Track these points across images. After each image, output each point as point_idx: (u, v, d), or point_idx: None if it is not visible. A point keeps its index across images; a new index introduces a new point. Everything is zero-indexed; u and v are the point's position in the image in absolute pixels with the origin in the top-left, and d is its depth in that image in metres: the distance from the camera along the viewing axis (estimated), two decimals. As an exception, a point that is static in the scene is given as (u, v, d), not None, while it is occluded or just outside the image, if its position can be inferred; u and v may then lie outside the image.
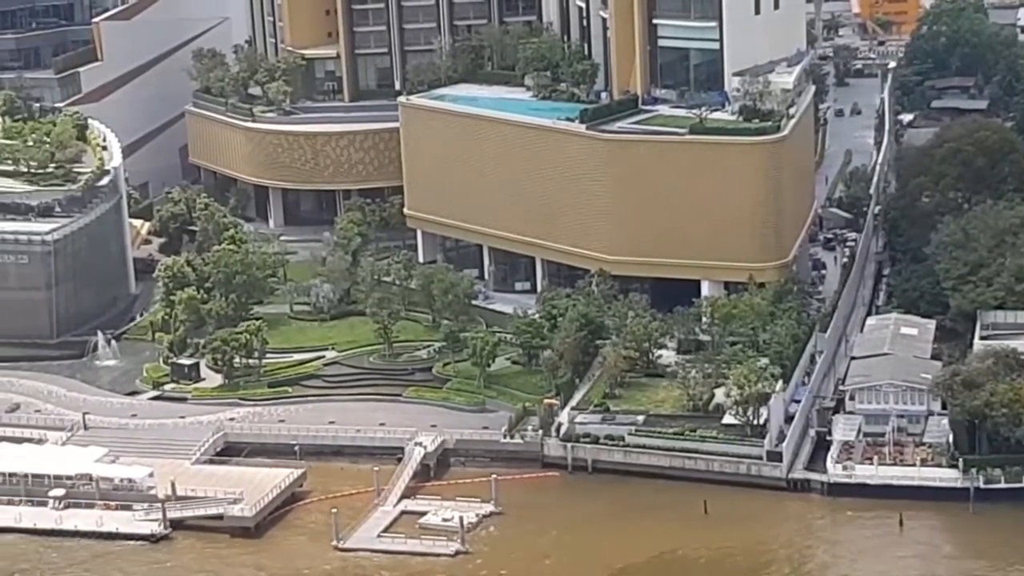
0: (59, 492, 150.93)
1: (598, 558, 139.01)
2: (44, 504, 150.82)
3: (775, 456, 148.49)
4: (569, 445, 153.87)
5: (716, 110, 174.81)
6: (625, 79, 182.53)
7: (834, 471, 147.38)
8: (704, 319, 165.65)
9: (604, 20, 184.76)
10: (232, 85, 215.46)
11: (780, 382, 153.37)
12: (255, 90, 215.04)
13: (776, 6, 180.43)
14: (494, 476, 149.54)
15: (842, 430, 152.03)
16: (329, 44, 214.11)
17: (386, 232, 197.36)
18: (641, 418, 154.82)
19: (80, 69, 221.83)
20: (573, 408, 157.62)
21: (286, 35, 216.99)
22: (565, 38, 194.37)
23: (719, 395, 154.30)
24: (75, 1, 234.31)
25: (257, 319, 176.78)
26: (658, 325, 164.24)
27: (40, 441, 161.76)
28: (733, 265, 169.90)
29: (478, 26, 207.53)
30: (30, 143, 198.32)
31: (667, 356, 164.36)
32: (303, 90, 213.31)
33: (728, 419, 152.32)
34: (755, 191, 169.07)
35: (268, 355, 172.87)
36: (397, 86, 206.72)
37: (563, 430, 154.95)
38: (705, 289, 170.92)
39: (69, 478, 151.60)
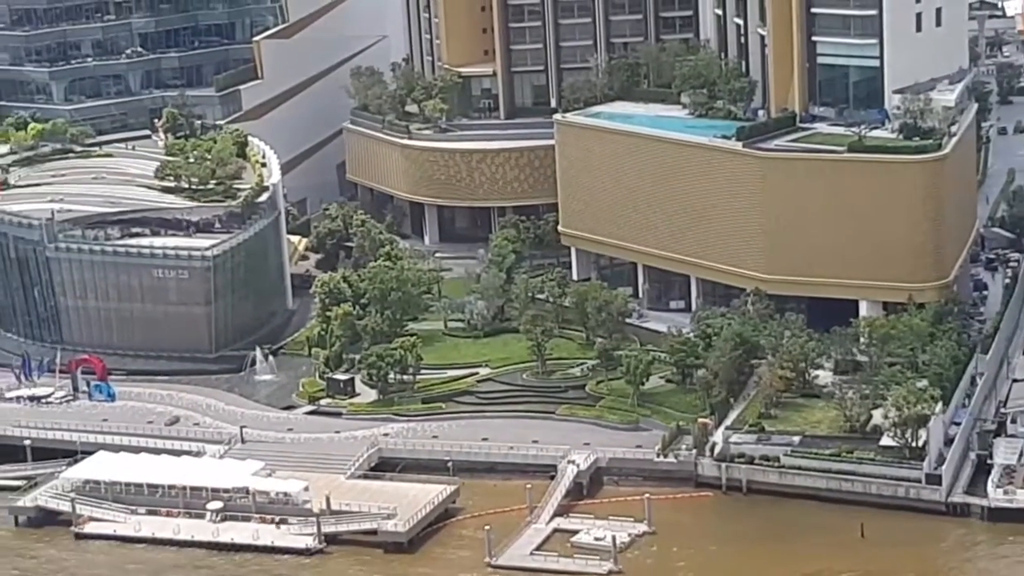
0: (216, 505, 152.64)
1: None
2: (201, 516, 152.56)
3: (934, 479, 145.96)
4: (723, 465, 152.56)
5: (876, 128, 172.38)
6: (783, 96, 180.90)
7: (995, 495, 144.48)
8: (862, 339, 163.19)
9: (762, 37, 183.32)
10: (389, 103, 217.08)
11: (940, 404, 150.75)
12: (412, 107, 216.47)
13: (938, 23, 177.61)
14: (647, 495, 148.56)
15: (1003, 453, 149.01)
16: (485, 62, 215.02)
17: (540, 249, 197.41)
18: (797, 439, 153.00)
19: (241, 87, 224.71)
20: (728, 428, 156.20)
21: (443, 53, 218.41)
22: (722, 55, 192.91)
23: (877, 416, 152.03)
24: (237, 20, 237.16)
25: (412, 335, 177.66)
26: (815, 345, 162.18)
27: (198, 454, 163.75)
28: (892, 285, 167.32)
29: (634, 43, 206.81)
30: (191, 159, 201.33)
31: (824, 376, 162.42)
32: (459, 107, 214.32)
33: (886, 441, 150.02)
34: (915, 210, 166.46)
35: (422, 371, 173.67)
36: (553, 103, 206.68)
37: (717, 450, 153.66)
38: (863, 309, 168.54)
39: (226, 491, 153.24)
